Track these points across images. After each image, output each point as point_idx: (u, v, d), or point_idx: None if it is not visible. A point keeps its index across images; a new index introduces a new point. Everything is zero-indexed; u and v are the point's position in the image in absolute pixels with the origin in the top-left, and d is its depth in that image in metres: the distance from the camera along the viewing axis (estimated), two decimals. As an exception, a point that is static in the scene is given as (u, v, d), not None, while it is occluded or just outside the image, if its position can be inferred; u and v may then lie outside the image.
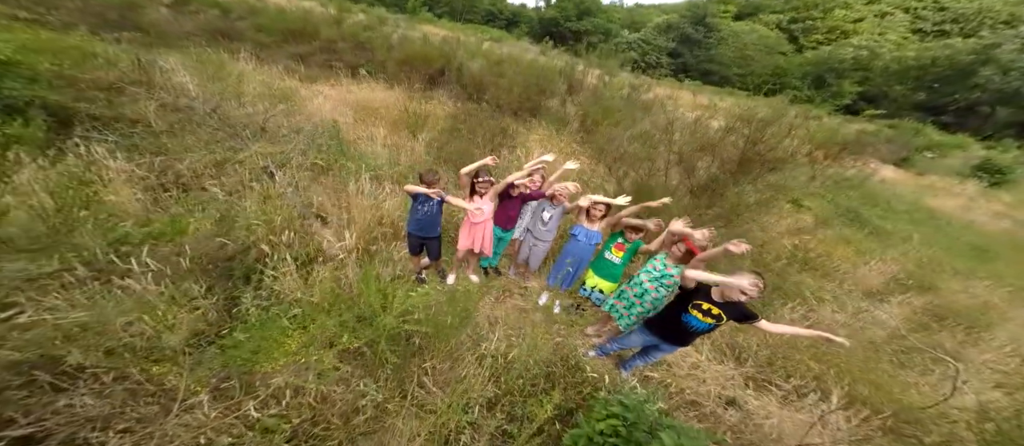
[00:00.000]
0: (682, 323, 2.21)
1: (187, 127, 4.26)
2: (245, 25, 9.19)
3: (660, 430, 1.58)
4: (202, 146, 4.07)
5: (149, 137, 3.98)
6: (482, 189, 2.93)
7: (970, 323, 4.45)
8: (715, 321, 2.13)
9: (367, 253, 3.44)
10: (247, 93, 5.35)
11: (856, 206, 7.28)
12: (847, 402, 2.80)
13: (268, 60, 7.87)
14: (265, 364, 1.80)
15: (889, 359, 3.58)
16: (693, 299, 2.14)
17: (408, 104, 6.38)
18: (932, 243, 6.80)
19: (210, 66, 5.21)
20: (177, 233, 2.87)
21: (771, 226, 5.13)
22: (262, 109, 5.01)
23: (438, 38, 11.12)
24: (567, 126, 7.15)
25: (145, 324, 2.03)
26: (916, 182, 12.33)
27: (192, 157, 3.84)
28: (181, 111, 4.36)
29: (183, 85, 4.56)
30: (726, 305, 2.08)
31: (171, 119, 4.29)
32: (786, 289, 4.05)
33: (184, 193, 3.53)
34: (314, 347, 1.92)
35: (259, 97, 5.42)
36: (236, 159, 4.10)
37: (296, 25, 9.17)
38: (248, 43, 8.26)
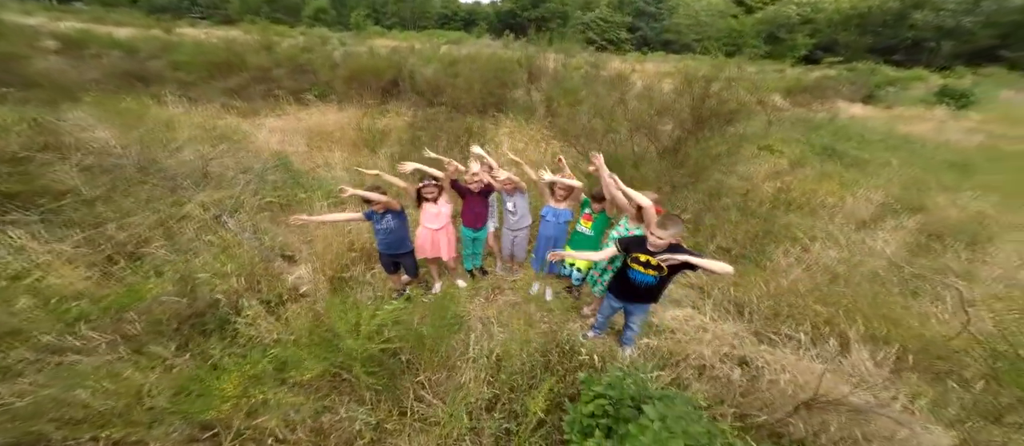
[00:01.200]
0: (630, 280, 2.39)
1: (121, 188, 4.14)
2: (160, 65, 8.88)
3: (645, 403, 1.64)
4: (142, 206, 3.98)
5: (82, 207, 3.85)
6: (429, 194, 2.94)
7: (970, 238, 4.70)
8: (657, 272, 2.27)
9: (341, 281, 3.44)
10: (180, 139, 5.24)
11: (830, 143, 7.78)
12: (870, 345, 2.79)
13: (199, 99, 7.71)
14: (207, 411, 1.81)
15: (899, 291, 3.63)
16: (631, 253, 2.34)
17: (362, 121, 6.39)
18: (912, 165, 7.31)
19: (130, 116, 5.07)
20: (136, 301, 2.86)
21: (753, 173, 5.43)
22: (201, 154, 4.92)
23: (386, 49, 11.22)
24: (534, 114, 7.34)
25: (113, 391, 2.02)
26: (885, 114, 13.23)
27: (133, 220, 3.75)
28: (109, 171, 4.23)
29: (103, 142, 4.43)
30: (662, 253, 2.19)
31: (101, 182, 4.17)
32: (776, 232, 4.27)
33: (136, 261, 3.45)
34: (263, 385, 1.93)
35: (195, 141, 5.32)
36: (181, 214, 4.02)
37: (219, 57, 8.90)
38: (171, 84, 8.03)
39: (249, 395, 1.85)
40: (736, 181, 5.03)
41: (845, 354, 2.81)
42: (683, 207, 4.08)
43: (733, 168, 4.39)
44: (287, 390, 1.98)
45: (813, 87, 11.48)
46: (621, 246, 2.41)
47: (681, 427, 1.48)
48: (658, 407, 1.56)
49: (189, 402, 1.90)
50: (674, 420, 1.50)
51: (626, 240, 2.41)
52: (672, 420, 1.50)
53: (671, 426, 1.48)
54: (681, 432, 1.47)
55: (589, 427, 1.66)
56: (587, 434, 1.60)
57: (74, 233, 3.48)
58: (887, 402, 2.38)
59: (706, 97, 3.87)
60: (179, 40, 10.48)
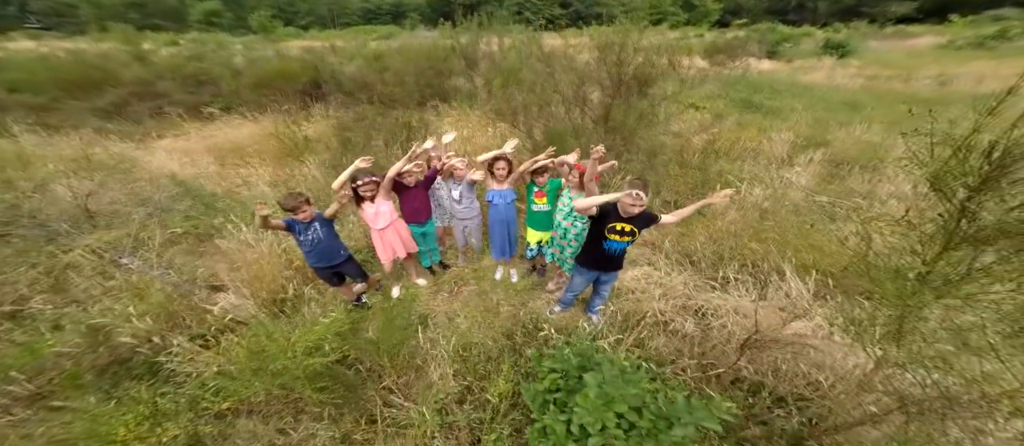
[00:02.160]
0: (605, 250, 2.41)
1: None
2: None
3: (589, 371, 1.66)
4: (13, 262, 3.34)
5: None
6: (367, 192, 2.80)
7: (865, 162, 5.53)
8: (630, 237, 2.37)
9: (282, 302, 3.17)
10: (40, 176, 4.42)
11: (747, 96, 8.76)
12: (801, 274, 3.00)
13: (62, 126, 6.51)
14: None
15: (819, 218, 4.02)
16: (606, 224, 2.35)
17: (282, 131, 5.86)
18: (814, 107, 8.51)
19: None
20: (33, 359, 2.56)
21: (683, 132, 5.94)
22: (75, 190, 4.20)
23: (298, 50, 10.32)
24: (477, 99, 7.26)
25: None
26: (788, 67, 15.44)
27: (2, 279, 3.17)
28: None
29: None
30: (635, 219, 2.31)
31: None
32: (711, 180, 4.73)
33: (15, 320, 3.00)
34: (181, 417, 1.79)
35: (64, 175, 4.52)
36: (65, 263, 3.43)
37: (71, 74, 7.44)
38: (14, 111, 6.63)
39: (157, 435, 1.66)
40: (671, 140, 5.46)
41: (782, 287, 3.04)
42: (627, 169, 4.34)
43: (662, 128, 4.72)
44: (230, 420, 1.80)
45: (726, 47, 12.81)
46: (599, 212, 2.33)
47: (619, 391, 1.50)
48: (596, 375, 1.60)
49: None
50: (610, 385, 1.53)
51: (603, 209, 2.33)
52: (609, 386, 1.53)
53: (609, 392, 1.50)
54: (619, 396, 1.49)
55: (546, 403, 1.67)
56: (546, 410, 1.61)
57: None
58: (806, 331, 2.54)
59: (620, 63, 4.09)
60: (5, 55, 8.58)
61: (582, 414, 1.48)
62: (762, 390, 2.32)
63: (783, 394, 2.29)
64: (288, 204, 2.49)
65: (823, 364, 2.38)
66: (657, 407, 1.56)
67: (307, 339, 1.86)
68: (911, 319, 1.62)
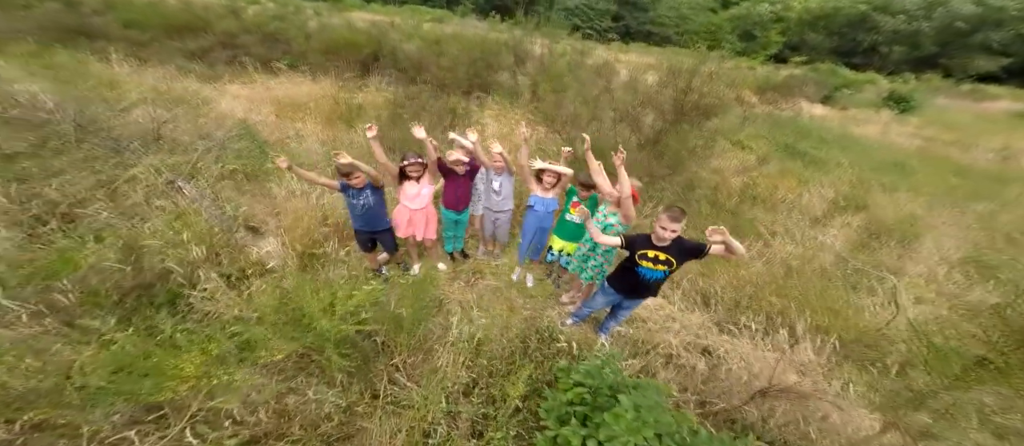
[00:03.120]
0: (637, 276, 2.27)
1: (52, 145, 3.60)
2: (105, 21, 7.87)
3: (622, 392, 1.61)
4: (79, 165, 3.47)
5: (2, 162, 3.31)
6: (414, 173, 2.76)
7: (901, 235, 5.06)
8: (666, 266, 2.18)
9: (312, 257, 3.19)
10: (127, 100, 4.62)
11: (792, 141, 8.14)
12: (815, 336, 2.94)
13: (152, 61, 6.88)
14: (162, 393, 1.61)
15: (842, 283, 3.84)
16: (637, 250, 2.21)
17: (338, 95, 5.92)
18: (860, 165, 7.80)
19: (64, 71, 4.39)
20: (68, 269, 2.49)
21: (723, 168, 5.58)
22: (153, 116, 4.37)
23: (365, 23, 10.42)
24: (519, 98, 7.11)
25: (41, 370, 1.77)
26: (841, 115, 14.05)
27: (65, 179, 3.27)
28: (38, 127, 3.65)
29: (32, 96, 3.81)
30: (669, 248, 2.14)
31: (28, 138, 3.60)
32: (742, 227, 4.42)
33: (69, 223, 3.01)
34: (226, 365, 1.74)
35: (145, 102, 4.72)
36: (127, 177, 3.56)
37: (177, 19, 8.05)
38: (119, 42, 7.14)
39: (211, 376, 1.64)
40: (708, 175, 5.15)
41: (793, 343, 2.95)
42: (660, 197, 4.10)
43: (708, 162, 4.44)
44: (242, 370, 1.78)
45: (781, 85, 11.74)
46: (625, 243, 2.25)
47: (653, 416, 1.46)
48: (633, 397, 1.54)
49: (133, 382, 1.66)
50: (647, 410, 1.48)
51: (630, 238, 2.26)
52: (645, 410, 1.48)
53: (644, 416, 1.46)
54: (653, 421, 1.45)
55: (566, 415, 1.62)
56: (564, 421, 1.56)
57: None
58: (825, 389, 2.53)
59: (689, 90, 3.83)
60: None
61: (616, 432, 1.42)
62: (750, 433, 2.25)
63: (771, 440, 2.26)
64: (342, 169, 2.48)
65: (816, 418, 2.34)
66: (681, 437, 1.50)
67: (348, 304, 1.80)
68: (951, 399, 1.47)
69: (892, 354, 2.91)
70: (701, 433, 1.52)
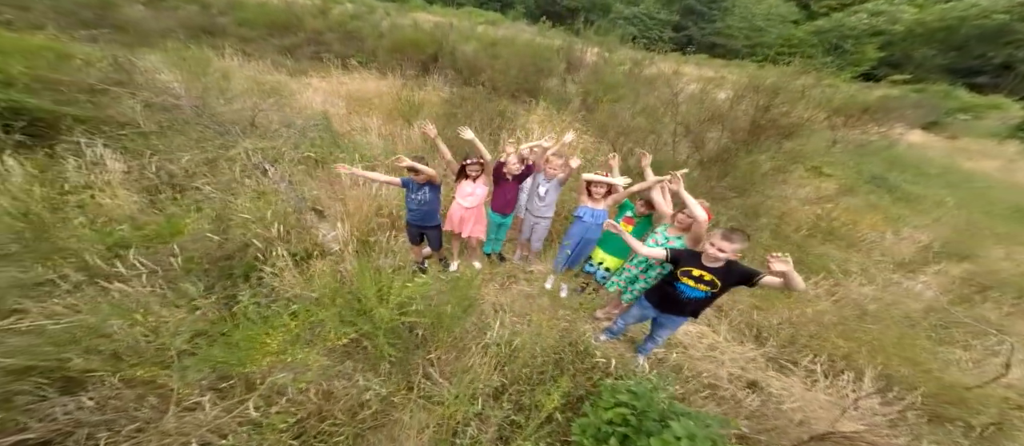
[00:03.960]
0: (675, 290, 2.16)
1: (175, 126, 4.26)
2: (227, 20, 9.16)
3: (671, 418, 1.52)
4: (192, 145, 4.08)
5: (139, 139, 3.99)
6: (473, 172, 2.86)
7: (1019, 293, 4.22)
8: (709, 287, 2.04)
9: (365, 244, 3.42)
10: (234, 89, 5.32)
11: (882, 172, 7.01)
12: (884, 384, 2.65)
13: (254, 55, 7.85)
14: (248, 365, 1.79)
15: (926, 334, 3.38)
16: (681, 266, 2.10)
17: (401, 92, 6.29)
18: (969, 207, 6.49)
19: (193, 63, 5.19)
20: (173, 234, 2.90)
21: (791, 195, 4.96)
22: (250, 104, 4.99)
23: (429, 24, 10.94)
24: (568, 105, 7.00)
25: (141, 327, 2.03)
26: (948, 145, 11.82)
27: (183, 156, 3.85)
28: (168, 110, 4.35)
29: (167, 84, 4.54)
30: (719, 270, 1.99)
31: (159, 119, 4.30)
32: (809, 262, 3.93)
33: (179, 193, 3.54)
34: (299, 345, 1.90)
35: (247, 92, 5.40)
36: (227, 156, 4.10)
37: (279, 18, 9.11)
38: (232, 39, 8.26)
39: (288, 354, 1.83)
40: (775, 202, 4.63)
41: (858, 390, 2.60)
42: (717, 221, 3.79)
43: (781, 187, 3.98)
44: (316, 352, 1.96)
45: (874, 107, 9.97)
46: (671, 257, 2.17)
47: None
48: (685, 424, 1.44)
49: (227, 352, 1.83)
50: (702, 440, 1.39)
51: (677, 252, 2.17)
52: (701, 440, 1.38)
53: (700, 445, 1.36)
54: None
55: (605, 434, 1.56)
56: (601, 441, 1.50)
57: (130, 159, 3.62)
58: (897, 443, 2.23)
59: (769, 107, 3.46)
60: None
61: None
62: None
63: None
64: (403, 174, 2.66)
65: None
66: None
67: (402, 294, 1.90)
68: None
69: (981, 415, 2.55)
70: None
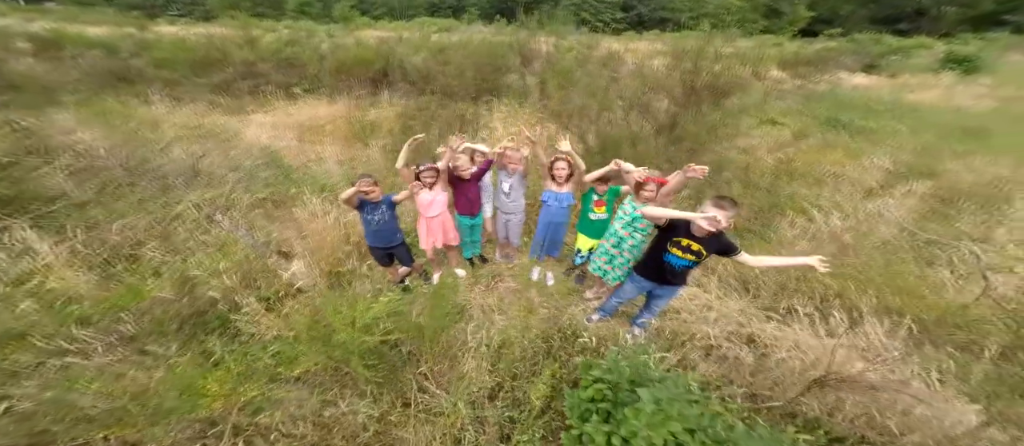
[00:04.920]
0: (665, 263, 2.26)
1: (110, 190, 4.09)
2: (141, 63, 8.68)
3: (643, 385, 1.58)
4: (135, 208, 3.94)
5: (74, 211, 3.82)
6: (428, 179, 2.87)
7: (984, 201, 4.56)
8: (696, 257, 2.16)
9: (338, 276, 3.39)
10: (167, 138, 5.15)
11: (833, 114, 7.60)
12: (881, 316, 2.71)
13: (184, 98, 7.57)
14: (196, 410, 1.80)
15: (913, 258, 3.54)
16: (672, 237, 2.18)
17: (353, 114, 6.27)
18: (922, 132, 7.10)
19: (115, 117, 4.98)
20: (136, 301, 2.88)
21: (755, 145, 5.31)
22: (190, 153, 4.84)
23: (374, 40, 10.96)
24: (528, 98, 7.19)
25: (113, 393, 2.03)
26: (890, 83, 12.89)
27: (125, 222, 3.72)
28: (97, 174, 4.16)
29: (89, 144, 4.35)
30: (705, 239, 2.11)
31: (91, 185, 4.11)
32: (781, 204, 4.19)
33: (132, 262, 3.43)
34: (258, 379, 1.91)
35: (182, 140, 5.24)
36: (174, 214, 3.97)
37: (200, 54, 8.66)
38: (155, 82, 7.90)
39: (239, 393, 1.82)
40: (738, 155, 4.93)
41: (857, 328, 2.72)
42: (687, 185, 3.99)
43: (732, 141, 4.27)
44: (284, 386, 1.95)
45: (814, 59, 11.13)
46: (669, 223, 2.19)
47: (676, 409, 1.43)
48: (654, 390, 1.51)
49: (179, 401, 1.88)
50: (668, 403, 1.45)
51: (676, 221, 2.17)
52: (666, 403, 1.45)
53: (666, 409, 1.43)
54: (677, 414, 1.42)
55: (588, 412, 1.62)
56: (586, 419, 1.56)
57: (69, 237, 3.46)
58: (903, 378, 2.31)
59: (697, 71, 3.75)
60: (156, 38, 10.16)
61: (635, 427, 1.40)
62: (818, 428, 2.12)
63: (842, 435, 2.10)
64: (362, 185, 2.63)
65: (895, 410, 2.13)
66: (715, 432, 1.45)
67: (367, 316, 1.94)
68: None
69: (992, 335, 2.64)
70: (738, 427, 1.45)
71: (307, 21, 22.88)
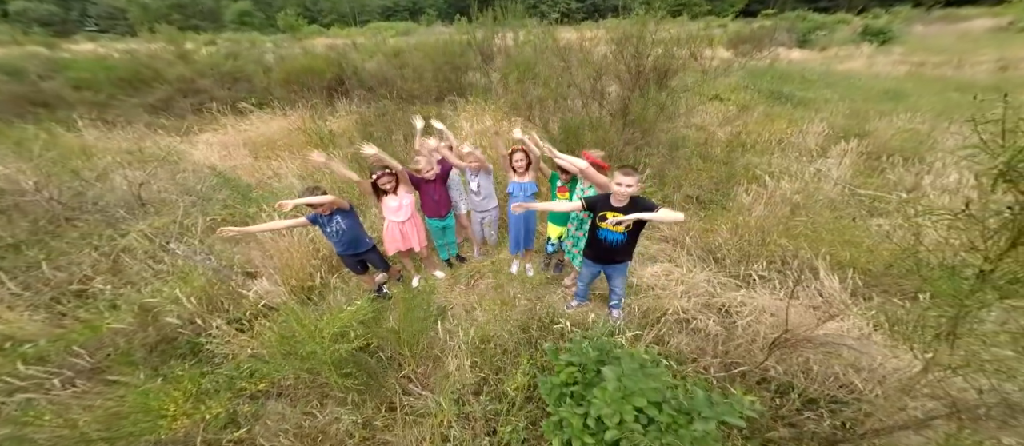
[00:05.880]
0: (601, 240, 2.37)
1: (45, 228, 3.71)
2: (55, 84, 7.81)
3: (605, 364, 1.63)
4: (77, 244, 3.63)
5: (9, 253, 3.48)
6: (385, 184, 2.80)
7: (909, 153, 5.06)
8: (625, 228, 2.26)
9: (309, 290, 3.27)
10: (101, 166, 4.73)
11: (775, 87, 8.20)
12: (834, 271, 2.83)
13: (118, 121, 6.95)
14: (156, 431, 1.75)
15: (857, 212, 3.77)
16: (598, 211, 2.31)
17: (309, 125, 6.01)
18: (851, 98, 7.86)
19: (35, 146, 4.50)
20: (93, 335, 2.75)
21: (706, 124, 5.62)
22: (130, 180, 4.47)
23: (323, 47, 10.52)
24: (492, 94, 7.19)
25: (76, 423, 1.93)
26: (822, 56, 14.32)
27: (68, 259, 3.46)
28: (27, 211, 3.76)
29: (11, 179, 3.92)
30: (624, 208, 2.21)
31: (23, 225, 3.71)
32: (737, 174, 4.48)
33: (82, 299, 3.21)
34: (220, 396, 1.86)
35: (122, 166, 4.82)
36: (120, 246, 3.67)
37: (127, 72, 7.95)
38: (79, 107, 7.19)
39: (200, 411, 1.74)
40: (693, 132, 5.20)
41: (805, 284, 2.85)
42: (646, 164, 4.17)
43: (683, 121, 4.51)
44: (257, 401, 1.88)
45: (752, 37, 12.11)
46: (587, 205, 2.37)
47: (636, 385, 1.46)
48: (615, 369, 1.55)
49: (138, 424, 1.77)
50: (628, 378, 1.49)
51: (591, 199, 2.36)
52: (627, 378, 1.49)
53: (628, 385, 1.47)
54: (637, 389, 1.45)
55: (562, 396, 1.65)
56: (561, 403, 1.60)
57: (7, 278, 3.18)
58: (848, 331, 2.37)
59: (638, 55, 3.92)
60: (71, 56, 9.17)
61: (599, 407, 1.44)
62: (791, 391, 2.20)
63: (814, 396, 2.17)
64: (309, 193, 2.52)
65: (859, 366, 2.23)
66: (677, 402, 1.50)
67: (334, 326, 1.90)
68: (968, 320, 1.47)
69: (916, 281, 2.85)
70: (698, 395, 1.49)
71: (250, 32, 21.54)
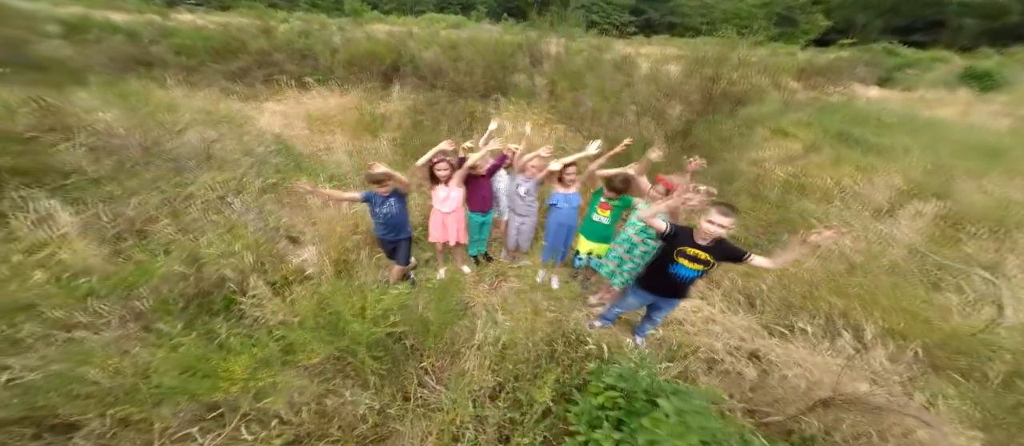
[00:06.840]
0: (671, 274, 2.20)
1: (126, 168, 4.14)
2: (161, 49, 8.83)
3: (659, 396, 1.58)
4: (148, 186, 3.98)
5: (90, 187, 3.85)
6: (441, 172, 2.86)
7: (995, 225, 4.47)
8: (704, 266, 2.12)
9: (344, 264, 3.41)
10: (183, 122, 5.20)
11: (846, 128, 7.48)
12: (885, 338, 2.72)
13: (200, 84, 7.65)
14: (214, 392, 1.81)
15: (920, 281, 3.50)
16: (677, 246, 2.14)
17: (363, 106, 6.28)
18: (935, 150, 6.94)
19: (134, 99, 5.03)
20: (145, 278, 2.88)
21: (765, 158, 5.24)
22: (204, 137, 4.89)
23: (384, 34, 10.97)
24: (536, 98, 7.16)
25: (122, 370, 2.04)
26: (905, 97, 12.70)
27: (139, 199, 3.74)
28: (114, 153, 4.21)
29: (108, 124, 4.40)
30: (711, 248, 2.08)
31: (107, 163, 4.16)
32: (789, 219, 4.15)
33: (144, 239, 3.46)
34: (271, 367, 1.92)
35: (197, 124, 5.28)
36: (185, 194, 4.01)
37: (219, 42, 8.81)
38: (172, 68, 8.02)
39: (257, 378, 1.83)
40: (747, 167, 4.87)
41: (861, 349, 2.72)
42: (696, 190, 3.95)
43: (745, 152, 4.23)
44: (293, 373, 1.96)
45: (826, 69, 10.94)
46: (671, 231, 2.14)
47: (698, 422, 1.42)
48: (674, 401, 1.50)
49: (195, 382, 1.89)
50: (691, 415, 1.45)
51: (676, 228, 2.15)
52: (689, 415, 1.44)
53: (688, 421, 1.42)
54: (698, 428, 1.40)
55: (597, 419, 1.61)
56: (595, 426, 1.55)
57: (83, 210, 3.49)
58: (905, 401, 2.30)
59: (716, 78, 3.70)
60: (176, 25, 10.30)
61: (658, 438, 1.40)
62: (814, 444, 2.12)
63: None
64: (375, 178, 2.62)
65: (891, 433, 2.12)
66: None
67: (378, 307, 1.93)
68: None
69: (995, 363, 2.62)
70: (755, 443, 1.44)
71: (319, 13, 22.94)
